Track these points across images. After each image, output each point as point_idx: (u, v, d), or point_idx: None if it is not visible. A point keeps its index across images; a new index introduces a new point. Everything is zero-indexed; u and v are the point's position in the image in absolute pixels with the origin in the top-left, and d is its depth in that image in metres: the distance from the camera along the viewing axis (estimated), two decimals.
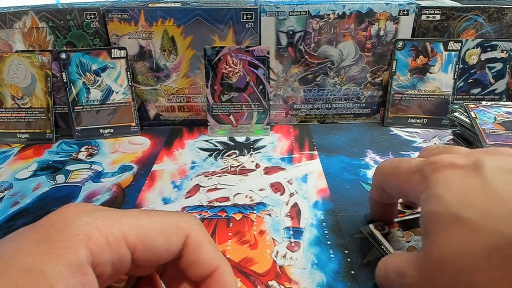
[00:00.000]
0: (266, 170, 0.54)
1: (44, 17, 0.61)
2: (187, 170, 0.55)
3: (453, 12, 0.62)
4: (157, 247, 0.21)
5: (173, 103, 0.67)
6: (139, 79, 0.65)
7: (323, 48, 0.63)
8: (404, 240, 0.39)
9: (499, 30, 0.64)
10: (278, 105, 0.67)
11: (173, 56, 0.63)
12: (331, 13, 0.61)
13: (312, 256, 0.39)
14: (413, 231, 0.40)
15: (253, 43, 0.62)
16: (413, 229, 0.40)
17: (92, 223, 0.19)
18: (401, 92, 0.65)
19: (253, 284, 0.36)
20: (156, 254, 0.21)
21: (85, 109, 0.63)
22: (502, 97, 0.67)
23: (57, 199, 0.48)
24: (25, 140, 0.63)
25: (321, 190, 0.49)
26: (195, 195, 0.49)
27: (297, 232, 0.42)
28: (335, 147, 0.60)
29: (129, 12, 0.60)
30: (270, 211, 0.46)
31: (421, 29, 0.63)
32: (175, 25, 0.61)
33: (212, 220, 0.44)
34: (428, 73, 0.63)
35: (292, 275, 0.36)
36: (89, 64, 0.62)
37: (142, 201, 0.48)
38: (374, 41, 0.63)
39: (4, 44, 0.63)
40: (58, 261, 0.17)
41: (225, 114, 0.64)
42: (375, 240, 0.40)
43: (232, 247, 0.40)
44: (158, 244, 0.21)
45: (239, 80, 0.62)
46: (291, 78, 0.65)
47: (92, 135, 0.64)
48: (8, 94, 0.62)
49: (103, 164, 0.57)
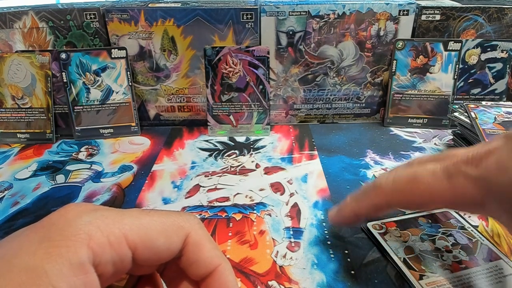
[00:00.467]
0: (266, 170, 0.54)
1: (44, 17, 0.61)
2: (187, 170, 0.55)
3: (453, 12, 0.62)
4: (158, 246, 0.21)
5: (173, 103, 0.67)
6: (139, 79, 0.65)
7: (323, 48, 0.63)
8: (401, 239, 0.39)
9: (499, 30, 0.64)
10: (278, 105, 0.67)
11: (173, 56, 0.63)
12: (331, 13, 0.61)
13: (312, 256, 0.39)
14: (411, 231, 0.41)
15: (253, 43, 0.62)
16: (410, 229, 0.41)
17: (93, 222, 0.19)
18: (401, 92, 0.65)
19: (253, 284, 0.36)
20: (157, 253, 0.21)
21: (85, 109, 0.63)
22: (502, 97, 0.67)
23: (57, 199, 0.48)
24: (25, 140, 0.63)
25: (321, 190, 0.49)
26: (195, 195, 0.49)
27: (297, 232, 0.42)
28: (335, 147, 0.60)
29: (129, 12, 0.60)
30: (270, 211, 0.46)
31: (421, 29, 0.63)
32: (175, 25, 0.61)
33: (212, 220, 0.44)
34: (428, 73, 0.63)
35: (292, 275, 0.36)
36: (89, 64, 0.62)
37: (142, 201, 0.48)
38: (374, 41, 0.63)
39: (4, 44, 0.63)
40: (59, 260, 0.17)
41: (225, 114, 0.64)
42: (373, 239, 0.40)
43: (232, 247, 0.40)
44: (158, 243, 0.21)
45: (239, 80, 0.62)
46: (291, 78, 0.65)
47: (92, 135, 0.64)
48: (8, 94, 0.62)
49: (103, 164, 0.57)
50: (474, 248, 0.39)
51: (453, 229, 0.41)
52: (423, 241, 0.39)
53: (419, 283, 0.35)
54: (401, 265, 0.37)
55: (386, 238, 0.39)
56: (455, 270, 0.36)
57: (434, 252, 0.38)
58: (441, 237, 0.40)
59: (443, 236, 0.40)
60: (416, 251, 0.38)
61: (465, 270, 0.36)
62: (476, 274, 0.36)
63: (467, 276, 0.35)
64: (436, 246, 0.39)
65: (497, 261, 0.37)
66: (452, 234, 0.41)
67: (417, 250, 0.38)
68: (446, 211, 0.44)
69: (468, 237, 0.40)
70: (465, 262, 0.37)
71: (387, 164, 0.55)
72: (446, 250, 0.38)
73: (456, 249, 0.39)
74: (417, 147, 0.60)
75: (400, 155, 0.57)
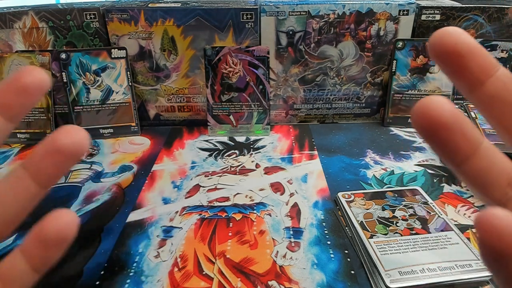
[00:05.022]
0: (266, 170, 0.54)
1: (44, 17, 0.61)
2: (187, 170, 0.55)
3: (453, 12, 0.62)
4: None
5: (173, 103, 0.67)
6: (139, 79, 0.65)
7: (323, 48, 0.63)
8: (364, 207, 0.44)
9: (499, 30, 0.63)
10: (278, 105, 0.67)
11: (173, 56, 0.63)
12: (331, 13, 0.61)
13: (312, 256, 0.39)
14: (375, 201, 0.45)
15: (253, 43, 0.62)
16: (375, 200, 0.46)
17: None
18: (401, 92, 0.65)
19: (253, 284, 0.36)
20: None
21: (85, 109, 0.63)
22: None
23: (57, 199, 0.48)
24: (25, 140, 0.63)
25: (321, 190, 0.49)
26: (195, 195, 0.49)
27: (297, 232, 0.42)
28: (335, 147, 0.60)
29: (129, 12, 0.60)
30: (270, 211, 0.46)
31: (421, 29, 0.63)
32: (175, 25, 0.61)
33: (212, 220, 0.44)
34: (428, 73, 0.63)
35: (292, 275, 0.36)
36: (89, 64, 0.62)
37: (142, 201, 0.48)
38: (374, 41, 0.63)
39: (4, 44, 0.63)
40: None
41: (225, 114, 0.64)
42: (339, 205, 0.45)
43: (232, 247, 0.40)
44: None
45: (239, 80, 0.62)
46: (291, 78, 0.65)
47: (92, 135, 0.64)
48: None
49: (103, 164, 0.57)
50: (429, 219, 0.42)
51: (415, 203, 0.45)
52: (383, 210, 0.44)
53: (368, 241, 0.39)
54: (356, 226, 0.41)
55: (351, 205, 0.44)
56: (404, 234, 0.40)
57: (390, 219, 0.42)
58: (401, 208, 0.44)
59: (404, 207, 0.44)
60: (374, 217, 0.43)
61: (414, 235, 0.40)
62: (423, 240, 0.39)
63: (414, 240, 0.39)
64: (394, 215, 0.43)
65: (448, 231, 0.40)
66: (413, 207, 0.44)
67: (375, 216, 0.43)
68: (415, 188, 0.48)
69: (427, 211, 0.44)
70: (417, 229, 0.41)
71: (387, 164, 0.55)
72: (402, 219, 0.43)
73: (412, 218, 0.43)
74: (417, 147, 0.60)
75: (400, 155, 0.57)
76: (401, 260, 0.37)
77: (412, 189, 0.48)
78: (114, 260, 0.39)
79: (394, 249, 0.38)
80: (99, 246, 0.41)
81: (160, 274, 0.37)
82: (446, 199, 0.47)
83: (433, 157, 0.57)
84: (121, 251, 0.40)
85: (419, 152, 0.58)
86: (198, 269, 0.38)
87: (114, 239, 0.42)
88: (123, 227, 0.44)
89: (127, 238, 0.42)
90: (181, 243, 0.41)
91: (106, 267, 0.38)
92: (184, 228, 0.43)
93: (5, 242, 0.41)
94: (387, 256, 0.37)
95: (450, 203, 0.47)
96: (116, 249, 0.40)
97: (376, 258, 0.37)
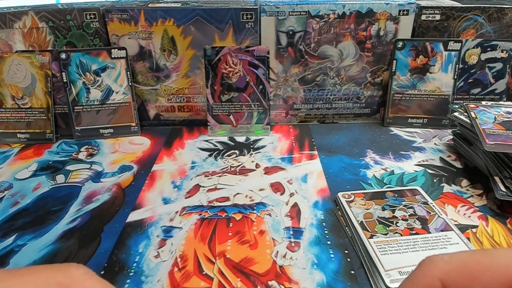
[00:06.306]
0: (266, 170, 0.54)
1: (44, 17, 0.61)
2: (187, 170, 0.55)
3: (453, 12, 0.62)
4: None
5: (173, 103, 0.67)
6: (139, 79, 0.65)
7: (323, 48, 0.63)
8: (364, 207, 0.44)
9: (499, 30, 0.63)
10: (278, 105, 0.67)
11: (173, 56, 0.63)
12: (331, 13, 0.61)
13: (312, 256, 0.39)
14: (375, 201, 0.45)
15: (253, 43, 0.62)
16: (376, 199, 0.45)
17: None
18: (401, 92, 0.65)
19: (253, 284, 0.35)
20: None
21: (85, 109, 0.63)
22: (502, 97, 0.67)
23: (57, 199, 0.48)
24: (25, 140, 0.63)
25: (321, 190, 0.49)
26: (195, 195, 0.49)
27: (297, 232, 0.42)
28: (335, 147, 0.60)
29: (129, 12, 0.60)
30: (270, 211, 0.46)
31: (421, 29, 0.63)
32: (175, 25, 0.61)
33: (212, 220, 0.44)
34: (428, 73, 0.63)
35: (292, 275, 0.36)
36: (89, 64, 0.62)
37: (142, 201, 0.48)
38: (374, 41, 0.63)
39: (4, 44, 0.63)
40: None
41: (225, 114, 0.64)
42: (339, 205, 0.45)
43: (232, 247, 0.40)
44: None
45: (239, 80, 0.62)
46: (291, 78, 0.65)
47: (92, 135, 0.64)
48: (8, 94, 0.62)
49: (103, 164, 0.57)
50: (429, 219, 0.42)
51: (415, 203, 0.45)
52: (383, 210, 0.44)
53: (368, 241, 0.39)
54: (356, 226, 0.41)
55: (351, 205, 0.44)
56: (404, 234, 0.40)
57: (390, 219, 0.42)
58: (401, 209, 0.44)
59: (404, 207, 0.44)
60: (374, 217, 0.43)
61: (414, 235, 0.40)
62: (423, 240, 0.39)
63: (414, 240, 0.39)
64: (394, 215, 0.43)
65: (448, 231, 0.40)
66: (413, 207, 0.44)
67: (375, 216, 0.43)
68: (415, 188, 0.48)
69: (427, 211, 0.43)
70: (417, 229, 0.41)
71: (387, 164, 0.55)
72: (402, 219, 0.42)
73: (412, 218, 0.42)
74: (417, 147, 0.60)
75: (400, 155, 0.57)
76: (401, 260, 0.37)
77: (412, 189, 0.47)
78: (114, 260, 0.39)
79: (394, 249, 0.38)
80: (99, 246, 0.41)
81: (160, 274, 0.37)
82: (446, 199, 0.47)
83: (433, 157, 0.57)
84: (121, 251, 0.40)
85: (419, 152, 0.58)
86: (198, 269, 0.38)
87: (114, 239, 0.42)
88: (123, 227, 0.44)
89: (127, 238, 0.42)
90: (181, 243, 0.41)
91: (106, 267, 0.38)
92: (184, 228, 0.43)
93: (5, 242, 0.41)
94: (387, 256, 0.37)
95: (450, 203, 0.47)
96: (116, 249, 0.40)
97: (376, 258, 0.37)
